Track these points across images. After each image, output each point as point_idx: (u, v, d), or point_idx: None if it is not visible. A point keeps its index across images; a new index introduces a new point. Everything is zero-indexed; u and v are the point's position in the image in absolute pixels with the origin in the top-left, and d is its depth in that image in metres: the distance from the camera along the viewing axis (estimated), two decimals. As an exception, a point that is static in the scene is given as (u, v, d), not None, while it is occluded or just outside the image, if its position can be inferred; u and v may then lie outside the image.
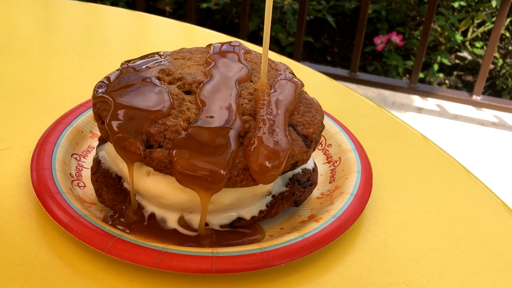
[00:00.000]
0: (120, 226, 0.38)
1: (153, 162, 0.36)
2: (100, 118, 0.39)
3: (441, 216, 0.44)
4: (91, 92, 0.41)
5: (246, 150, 0.36)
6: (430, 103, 1.73)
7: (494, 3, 1.90)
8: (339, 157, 0.47)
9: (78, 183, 0.43)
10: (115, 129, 0.36)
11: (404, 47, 2.00)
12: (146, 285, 0.36)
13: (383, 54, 1.94)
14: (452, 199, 0.46)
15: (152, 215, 0.39)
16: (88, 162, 0.45)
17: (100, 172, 0.42)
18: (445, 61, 1.92)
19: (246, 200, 0.39)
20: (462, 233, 0.42)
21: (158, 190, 0.38)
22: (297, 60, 1.58)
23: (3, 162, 0.45)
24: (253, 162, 0.36)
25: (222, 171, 0.35)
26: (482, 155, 1.55)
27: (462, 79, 1.96)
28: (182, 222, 0.39)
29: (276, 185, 0.42)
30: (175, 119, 0.37)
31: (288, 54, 1.89)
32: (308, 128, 0.40)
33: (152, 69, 0.41)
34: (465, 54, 2.01)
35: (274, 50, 1.41)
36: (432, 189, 0.47)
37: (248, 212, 0.40)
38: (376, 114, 0.59)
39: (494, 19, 1.61)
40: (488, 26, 1.95)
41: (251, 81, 0.42)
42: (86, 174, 0.44)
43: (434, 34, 1.94)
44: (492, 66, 1.94)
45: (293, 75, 0.44)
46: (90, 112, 0.48)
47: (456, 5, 1.99)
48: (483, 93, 1.69)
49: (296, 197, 0.42)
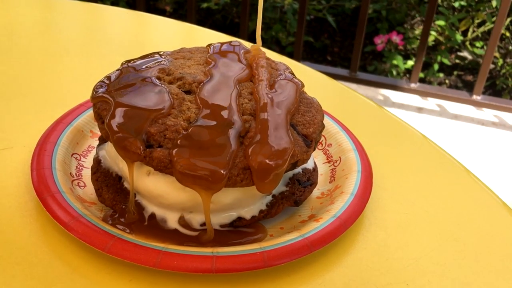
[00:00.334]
0: (120, 226, 0.38)
1: (153, 162, 0.36)
2: (100, 118, 0.39)
3: (441, 216, 0.44)
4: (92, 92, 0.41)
5: (247, 150, 0.36)
6: (430, 103, 1.73)
7: (494, 3, 1.90)
8: (339, 157, 0.47)
9: (78, 183, 0.43)
10: (115, 129, 0.36)
11: (404, 47, 2.00)
12: (146, 285, 0.36)
13: (383, 54, 1.94)
14: (452, 199, 0.46)
15: (152, 215, 0.39)
16: (89, 162, 0.45)
17: (100, 172, 0.42)
18: (445, 61, 1.92)
19: (246, 200, 0.39)
20: (462, 233, 0.42)
21: (158, 190, 0.38)
22: (297, 60, 1.58)
23: (4, 162, 0.45)
24: (254, 161, 0.36)
25: (222, 171, 0.35)
26: (482, 155, 1.55)
27: (462, 79, 1.96)
28: (182, 222, 0.39)
29: (276, 185, 0.42)
30: (175, 119, 0.37)
31: (288, 54, 1.89)
32: (308, 128, 0.40)
33: (152, 69, 0.41)
34: (465, 54, 2.01)
35: (274, 50, 1.41)
36: (432, 189, 0.47)
37: (248, 212, 0.40)
38: (376, 114, 0.59)
39: (494, 19, 1.61)
40: (488, 26, 1.95)
41: (251, 81, 0.42)
42: (86, 174, 0.44)
43: (434, 34, 1.94)
44: (492, 66, 1.94)
45: (293, 75, 0.44)
46: (91, 112, 0.48)
47: (457, 5, 1.99)
48: (483, 93, 1.69)
49: (296, 197, 0.42)
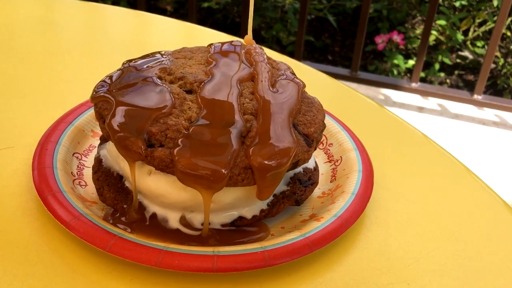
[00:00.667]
0: (121, 225, 0.38)
1: (155, 161, 0.36)
2: (102, 117, 0.39)
3: (442, 215, 0.44)
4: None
5: (249, 150, 0.36)
6: (431, 102, 1.73)
7: (496, 3, 1.90)
8: (340, 156, 0.47)
9: (80, 182, 0.43)
10: (117, 128, 0.37)
11: (405, 46, 2.00)
12: (147, 284, 0.36)
13: (384, 53, 1.94)
14: (453, 198, 0.46)
15: (154, 215, 0.39)
16: (90, 161, 0.45)
17: (102, 171, 0.42)
18: (446, 60, 1.92)
19: (247, 199, 0.39)
20: (463, 232, 0.42)
21: (160, 189, 0.38)
22: (298, 59, 1.58)
23: (5, 161, 0.45)
24: (255, 160, 0.36)
25: (224, 170, 0.35)
26: (483, 155, 1.55)
27: (463, 78, 1.96)
28: (184, 221, 0.39)
29: (277, 184, 0.42)
30: (177, 118, 0.37)
31: (289, 53, 1.89)
32: (309, 127, 0.40)
33: (154, 69, 0.42)
34: (466, 53, 2.01)
35: (275, 49, 1.41)
36: (433, 188, 0.47)
37: (249, 211, 0.40)
38: (377, 113, 0.59)
39: (495, 19, 1.61)
40: (489, 26, 1.95)
41: (252, 81, 0.42)
42: (88, 173, 0.44)
43: (435, 34, 1.94)
44: (493, 66, 1.94)
45: (294, 75, 0.44)
46: (92, 111, 0.48)
47: (457, 4, 1.99)
48: (484, 93, 1.69)
49: (297, 196, 0.42)
